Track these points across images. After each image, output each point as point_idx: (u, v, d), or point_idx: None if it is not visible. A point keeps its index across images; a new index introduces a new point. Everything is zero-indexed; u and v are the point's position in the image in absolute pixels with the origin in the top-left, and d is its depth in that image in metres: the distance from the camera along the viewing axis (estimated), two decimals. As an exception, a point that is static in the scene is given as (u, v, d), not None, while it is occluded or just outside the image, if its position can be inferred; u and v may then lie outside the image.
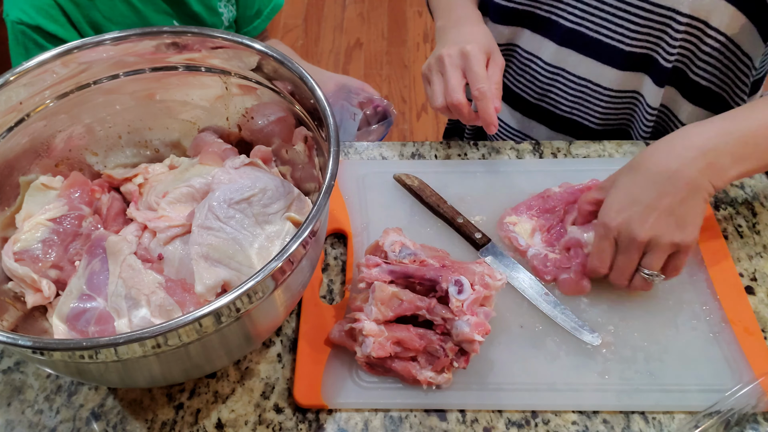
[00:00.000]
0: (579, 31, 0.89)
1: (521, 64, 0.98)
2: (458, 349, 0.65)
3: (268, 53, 0.68)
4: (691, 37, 0.83)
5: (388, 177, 0.84)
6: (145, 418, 0.66)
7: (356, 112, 1.09)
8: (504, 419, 0.65)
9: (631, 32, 0.86)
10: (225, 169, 0.71)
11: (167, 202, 0.71)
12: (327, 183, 0.58)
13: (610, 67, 0.90)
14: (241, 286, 0.52)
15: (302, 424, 0.66)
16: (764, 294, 0.74)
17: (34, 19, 0.94)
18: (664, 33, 0.84)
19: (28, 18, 0.94)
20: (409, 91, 2.30)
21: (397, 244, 0.69)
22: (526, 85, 0.99)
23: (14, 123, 0.69)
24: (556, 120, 1.00)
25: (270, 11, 1.18)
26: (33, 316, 0.67)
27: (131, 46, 0.71)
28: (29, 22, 0.94)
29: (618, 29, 0.86)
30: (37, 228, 0.68)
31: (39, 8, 0.94)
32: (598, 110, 0.95)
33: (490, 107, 0.78)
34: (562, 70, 0.94)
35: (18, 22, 0.94)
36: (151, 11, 1.02)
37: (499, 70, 0.81)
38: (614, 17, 0.86)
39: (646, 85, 0.90)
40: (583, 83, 0.93)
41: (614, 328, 0.70)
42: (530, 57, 0.96)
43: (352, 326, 0.66)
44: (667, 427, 0.64)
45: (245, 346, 0.65)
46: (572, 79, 0.94)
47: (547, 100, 0.99)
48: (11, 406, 0.68)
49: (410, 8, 2.60)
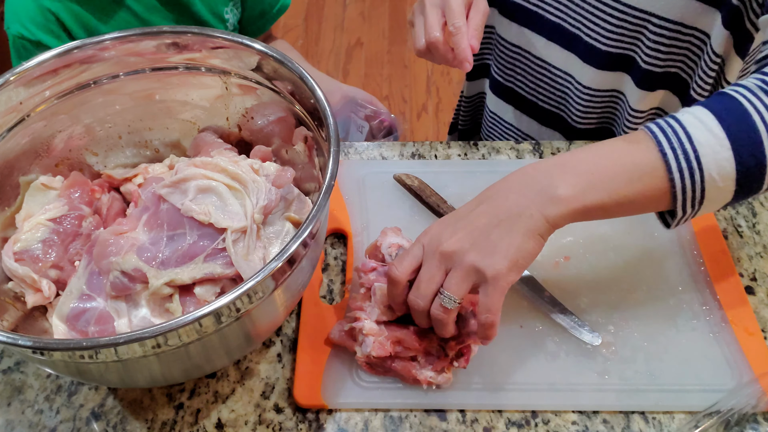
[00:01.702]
0: (562, 26, 0.90)
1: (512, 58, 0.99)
2: (458, 349, 0.65)
3: (268, 53, 0.68)
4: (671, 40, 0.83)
5: (388, 177, 0.84)
6: (145, 418, 0.66)
7: (363, 125, 1.09)
8: (504, 419, 0.65)
9: (607, 32, 0.86)
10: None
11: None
12: (327, 183, 0.58)
13: (589, 66, 0.90)
14: (241, 286, 0.52)
15: (302, 424, 0.66)
16: (764, 294, 0.74)
17: (35, 35, 0.94)
18: (641, 34, 0.84)
19: (29, 34, 0.94)
20: (410, 91, 2.30)
21: (394, 246, 0.68)
22: (518, 79, 1.00)
23: (14, 123, 0.69)
24: (544, 114, 1.01)
25: (276, 12, 1.17)
26: (33, 316, 0.67)
27: (131, 46, 0.71)
28: (30, 38, 0.94)
29: (595, 27, 0.86)
30: (37, 228, 0.68)
31: (40, 24, 0.94)
32: (579, 107, 0.95)
33: (463, 42, 0.78)
34: (549, 65, 0.95)
35: (19, 37, 0.94)
36: (157, 21, 1.02)
37: (481, 15, 0.81)
38: (592, 15, 0.86)
39: (627, 86, 0.90)
40: (567, 78, 0.94)
41: (614, 328, 0.70)
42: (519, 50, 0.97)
43: (352, 326, 0.66)
44: (667, 427, 0.64)
45: (245, 346, 0.65)
46: (557, 73, 0.95)
47: (536, 94, 0.99)
48: (11, 406, 0.68)
49: (411, 8, 2.60)
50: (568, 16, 0.88)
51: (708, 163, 0.57)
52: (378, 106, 1.12)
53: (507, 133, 1.07)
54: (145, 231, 0.66)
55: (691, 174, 0.57)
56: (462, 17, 0.78)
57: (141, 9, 1.00)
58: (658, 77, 0.87)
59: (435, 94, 2.29)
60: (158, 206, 0.67)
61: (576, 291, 0.73)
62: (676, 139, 0.57)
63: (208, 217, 0.64)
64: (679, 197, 0.58)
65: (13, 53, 0.97)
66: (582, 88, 0.92)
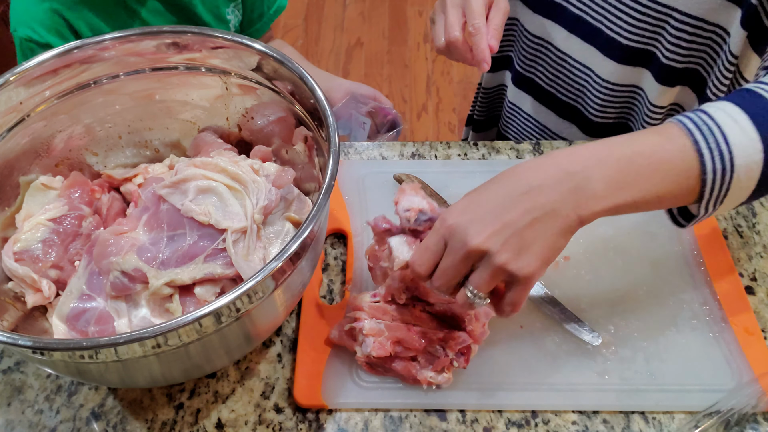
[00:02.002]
0: (584, 18, 0.90)
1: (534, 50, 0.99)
2: (458, 350, 0.65)
3: (268, 53, 0.68)
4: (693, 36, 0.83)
5: (388, 177, 0.84)
6: (145, 418, 0.66)
7: (365, 121, 1.10)
8: (504, 419, 0.65)
9: (628, 25, 0.86)
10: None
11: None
12: (327, 183, 0.58)
13: (609, 59, 0.90)
14: (241, 286, 0.52)
15: (302, 424, 0.66)
16: (764, 294, 0.74)
17: (43, 38, 0.94)
18: (662, 29, 0.84)
19: (38, 36, 0.94)
20: (410, 91, 2.30)
21: (413, 211, 0.62)
22: (539, 70, 1.00)
23: (14, 123, 0.69)
24: (562, 106, 1.01)
25: (273, 12, 1.18)
26: (33, 316, 0.67)
27: (131, 46, 0.71)
28: (38, 41, 0.94)
29: (617, 21, 0.87)
30: (37, 228, 0.68)
31: (49, 27, 0.94)
32: (597, 101, 0.95)
33: (482, 43, 0.78)
34: (569, 57, 0.95)
35: (27, 39, 0.94)
36: (159, 23, 1.03)
37: (501, 14, 0.81)
38: (614, 9, 0.86)
39: (646, 81, 0.90)
40: (587, 72, 0.94)
41: (614, 328, 0.70)
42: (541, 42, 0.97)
43: (352, 326, 0.66)
44: (667, 427, 0.64)
45: (245, 346, 0.65)
46: (577, 66, 0.95)
47: (555, 86, 1.00)
48: (11, 406, 0.68)
49: (411, 8, 2.60)
50: (590, 9, 0.89)
51: (739, 165, 0.56)
52: (381, 99, 1.12)
53: (524, 124, 1.08)
54: (145, 231, 0.66)
55: (723, 175, 0.56)
56: (482, 17, 0.78)
57: (145, 13, 1.01)
58: (678, 73, 0.87)
59: (435, 94, 2.29)
60: (158, 206, 0.67)
61: (576, 291, 0.73)
62: (712, 138, 0.56)
63: (208, 217, 0.64)
64: (706, 196, 0.57)
65: (20, 56, 0.96)
66: (601, 81, 0.93)
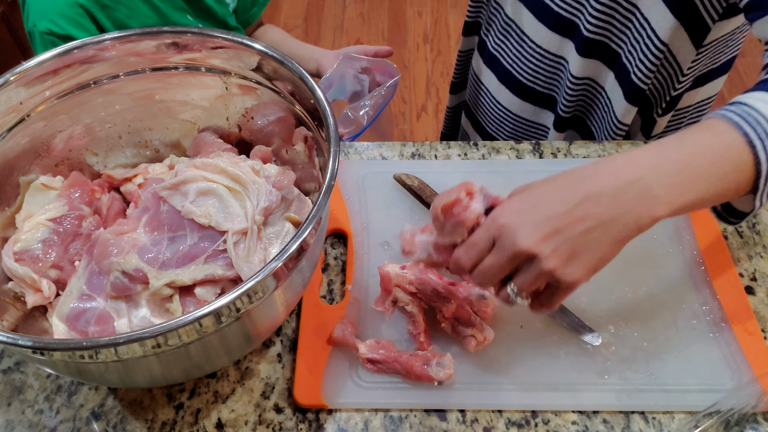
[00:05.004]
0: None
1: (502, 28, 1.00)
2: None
3: (268, 53, 0.68)
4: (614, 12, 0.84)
5: (388, 177, 0.84)
6: (145, 418, 0.66)
7: (363, 78, 1.12)
8: (504, 419, 0.65)
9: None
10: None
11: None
12: (327, 183, 0.58)
13: (542, 24, 0.91)
14: (241, 286, 0.52)
15: (302, 424, 0.66)
16: (764, 294, 0.74)
17: (64, 29, 0.94)
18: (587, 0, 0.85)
19: (59, 29, 0.94)
20: (409, 92, 2.30)
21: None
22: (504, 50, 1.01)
23: (14, 123, 0.69)
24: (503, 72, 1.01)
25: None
26: (33, 316, 0.67)
27: (131, 46, 0.71)
28: (60, 33, 0.94)
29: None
30: (37, 228, 0.68)
31: (69, 18, 0.94)
32: (529, 67, 0.97)
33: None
34: (517, 27, 0.96)
35: (48, 33, 0.94)
36: (170, 8, 1.05)
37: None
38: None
39: (569, 52, 0.91)
40: (524, 37, 0.95)
41: (614, 328, 0.70)
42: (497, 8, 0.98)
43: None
44: (667, 427, 0.64)
45: (245, 346, 0.65)
46: (518, 32, 0.96)
47: (499, 50, 1.01)
48: (11, 406, 0.68)
49: (410, 9, 2.61)
50: None
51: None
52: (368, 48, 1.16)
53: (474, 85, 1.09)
54: (146, 232, 0.66)
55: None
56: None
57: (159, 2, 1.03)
58: (595, 46, 0.88)
59: (435, 94, 2.29)
60: (158, 207, 0.67)
61: (576, 291, 0.73)
62: (761, 128, 0.55)
63: (209, 219, 0.64)
64: (761, 187, 0.57)
65: (41, 50, 0.96)
66: (534, 46, 0.94)
